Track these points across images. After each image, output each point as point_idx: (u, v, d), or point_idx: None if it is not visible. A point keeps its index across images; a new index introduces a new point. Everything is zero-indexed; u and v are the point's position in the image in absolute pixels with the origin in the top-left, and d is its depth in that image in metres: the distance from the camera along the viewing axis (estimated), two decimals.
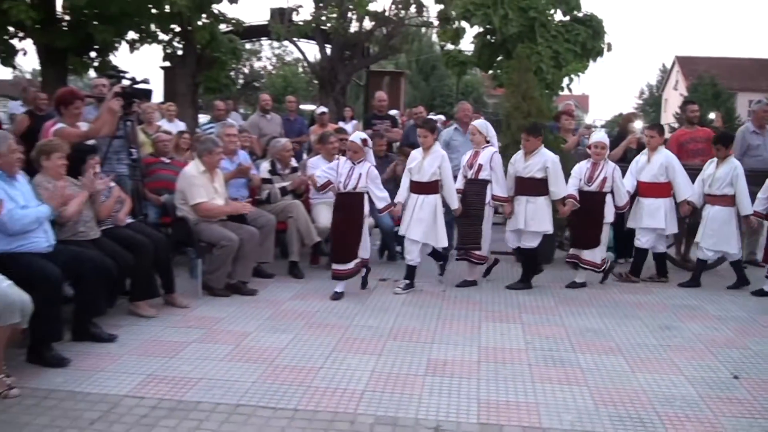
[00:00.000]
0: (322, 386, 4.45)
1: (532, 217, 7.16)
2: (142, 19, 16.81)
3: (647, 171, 7.57)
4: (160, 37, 18.21)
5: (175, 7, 15.27)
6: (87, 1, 15.35)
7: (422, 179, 6.98)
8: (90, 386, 4.36)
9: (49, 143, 5.46)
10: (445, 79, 44.82)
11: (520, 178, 7.24)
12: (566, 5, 16.11)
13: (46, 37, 16.26)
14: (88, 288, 5.11)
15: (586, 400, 4.34)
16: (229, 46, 18.61)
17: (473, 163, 7.17)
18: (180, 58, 18.46)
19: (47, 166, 5.34)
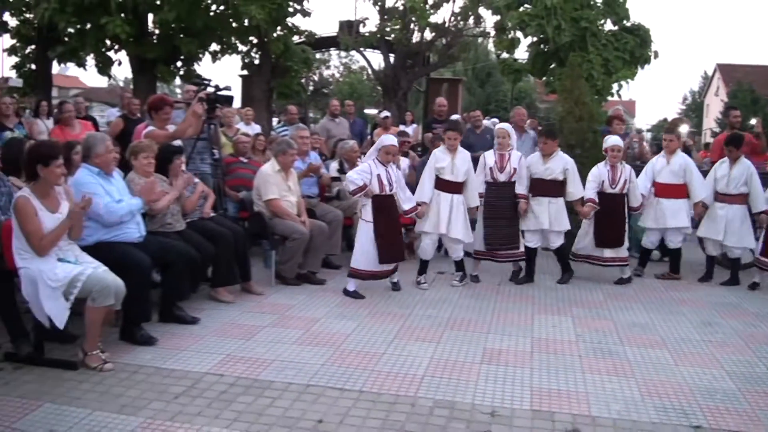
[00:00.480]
0: (385, 370, 4.44)
1: (555, 217, 7.01)
2: (223, 32, 17.13)
3: (667, 173, 7.38)
4: (240, 48, 18.53)
5: (253, 21, 15.50)
6: (175, 17, 15.71)
7: (457, 179, 6.74)
8: (175, 363, 4.44)
9: (138, 144, 5.59)
10: (499, 86, 44.37)
11: (541, 180, 7.02)
12: (616, 15, 15.81)
13: (138, 49, 16.70)
14: (174, 275, 5.21)
15: (633, 391, 4.23)
16: (301, 56, 18.78)
17: (504, 166, 6.95)
18: (257, 67, 18.73)
19: (136, 164, 5.47)
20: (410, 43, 18.74)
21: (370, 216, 6.29)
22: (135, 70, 17.87)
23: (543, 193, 7.03)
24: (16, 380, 4.10)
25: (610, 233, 7.15)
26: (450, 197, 6.72)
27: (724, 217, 7.29)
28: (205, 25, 16.30)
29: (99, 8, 15.48)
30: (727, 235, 7.26)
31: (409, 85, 20.20)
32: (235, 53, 18.63)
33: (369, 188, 6.24)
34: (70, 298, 4.17)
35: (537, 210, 7.02)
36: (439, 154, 6.79)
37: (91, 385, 4.04)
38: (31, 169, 4.32)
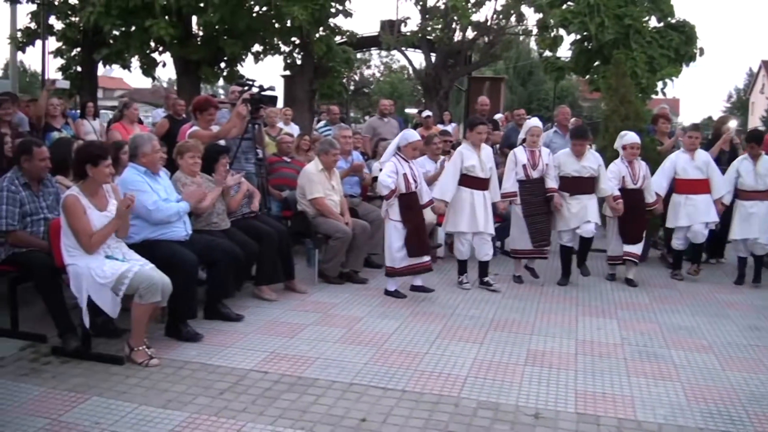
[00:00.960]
0: (428, 370, 4.42)
1: (593, 212, 6.93)
2: (266, 33, 17.29)
3: (692, 169, 7.28)
4: (282, 48, 18.67)
5: (296, 22, 15.59)
6: (219, 18, 15.90)
7: (486, 175, 6.63)
8: (220, 360, 4.49)
9: (185, 144, 5.68)
10: (541, 84, 44.04)
11: (579, 178, 6.92)
12: (660, 12, 15.52)
13: (182, 50, 16.97)
14: (219, 273, 5.28)
15: (679, 396, 4.15)
16: (343, 56, 18.85)
17: (537, 163, 6.88)
18: (299, 68, 18.85)
19: (183, 164, 5.55)
20: (452, 42, 18.67)
21: (397, 215, 6.21)
22: (179, 72, 18.16)
23: (579, 190, 6.94)
24: (63, 374, 4.19)
25: (633, 229, 7.08)
26: (482, 194, 6.63)
27: (757, 215, 7.18)
28: (248, 27, 16.47)
29: (144, 11, 15.76)
30: (761, 232, 7.14)
31: (451, 84, 20.11)
32: (278, 54, 18.78)
33: (397, 189, 6.19)
34: (118, 294, 4.26)
35: (577, 208, 6.91)
36: (466, 152, 6.61)
37: (137, 380, 4.11)
38: (80, 169, 4.42)
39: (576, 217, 6.91)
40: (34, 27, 18.61)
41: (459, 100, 32.13)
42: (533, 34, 19.17)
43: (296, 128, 10.54)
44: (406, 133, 6.57)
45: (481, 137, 6.66)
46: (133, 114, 8.20)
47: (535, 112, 33.39)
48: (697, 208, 7.23)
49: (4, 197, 4.75)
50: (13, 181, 4.82)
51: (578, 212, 6.90)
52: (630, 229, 7.09)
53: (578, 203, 6.91)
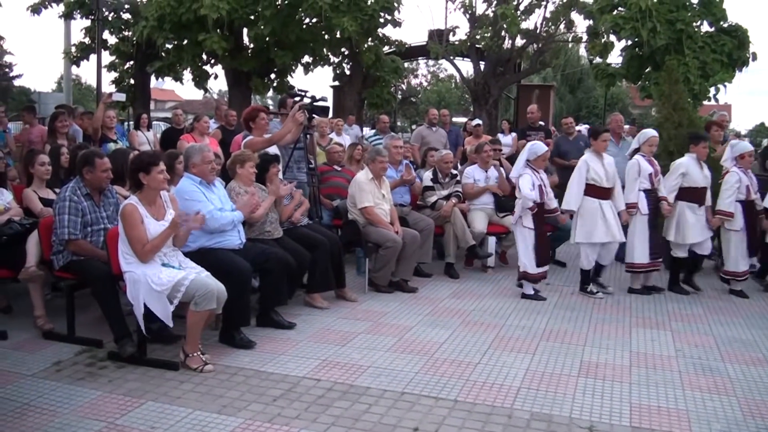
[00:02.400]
0: (480, 380, 4.40)
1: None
2: (316, 44, 17.53)
3: None
4: (331, 59, 18.87)
5: (345, 33, 15.75)
6: (269, 30, 16.16)
7: (611, 184, 6.65)
8: (273, 367, 4.54)
9: (243, 153, 5.78)
10: (590, 92, 43.40)
11: (705, 188, 6.83)
12: (713, 16, 15.22)
13: (233, 62, 17.33)
14: (273, 281, 5.34)
15: (735, 411, 4.04)
16: (391, 66, 18.97)
17: (658, 171, 6.83)
18: (348, 78, 19.02)
19: (241, 173, 5.65)
20: (500, 49, 18.59)
21: (531, 223, 6.47)
22: (230, 83, 18.52)
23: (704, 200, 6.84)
24: (119, 378, 4.29)
25: (760, 241, 6.95)
26: (609, 204, 6.65)
27: None
28: (298, 38, 16.72)
29: (196, 24, 16.16)
30: None
31: (500, 93, 20.04)
32: (327, 65, 18.99)
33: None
34: (174, 301, 4.34)
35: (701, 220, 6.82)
36: (591, 161, 6.64)
37: (191, 386, 4.18)
38: (135, 179, 4.55)
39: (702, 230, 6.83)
40: (88, 42, 19.25)
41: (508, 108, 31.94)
42: (583, 40, 18.96)
43: (348, 138, 10.62)
44: (534, 146, 6.61)
45: (605, 145, 6.71)
46: (203, 126, 8.39)
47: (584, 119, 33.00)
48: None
49: (66, 207, 4.89)
50: (75, 192, 4.97)
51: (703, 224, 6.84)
52: (756, 240, 6.95)
53: (702, 215, 6.84)
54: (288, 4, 16.05)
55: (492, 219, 7.72)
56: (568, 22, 18.59)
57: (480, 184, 7.80)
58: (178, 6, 16.00)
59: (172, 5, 15.97)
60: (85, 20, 19.20)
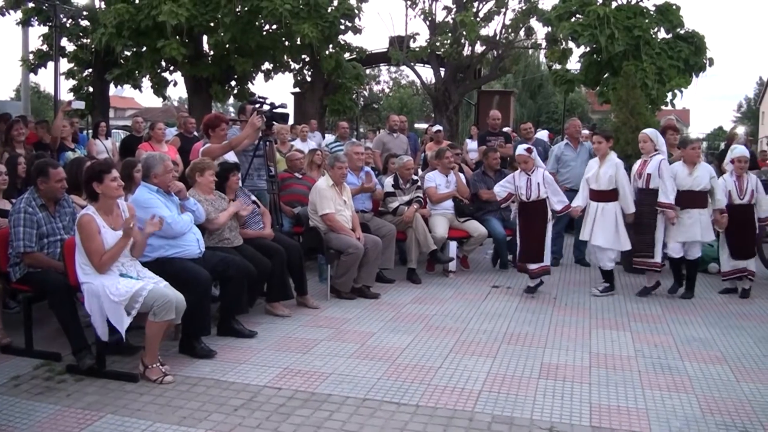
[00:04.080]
0: (442, 384, 4.42)
1: (705, 228, 6.88)
2: (276, 51, 17.50)
3: None
4: (292, 66, 18.86)
5: (306, 39, 15.76)
6: (229, 37, 16.09)
7: (600, 187, 6.88)
8: (234, 376, 4.50)
9: (202, 162, 5.74)
10: (550, 97, 44.05)
11: (692, 191, 6.86)
12: (669, 23, 15.58)
13: (193, 69, 17.20)
14: (233, 289, 5.31)
15: (694, 408, 4.13)
16: (352, 73, 19.01)
17: (642, 173, 6.92)
18: (309, 84, 19.01)
19: (200, 181, 5.62)
20: (461, 56, 18.78)
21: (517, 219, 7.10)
22: (190, 90, 18.39)
23: (691, 204, 6.88)
24: (78, 392, 4.21)
25: (744, 244, 7.03)
26: (596, 205, 6.94)
27: None
28: (258, 45, 16.68)
29: (155, 31, 16.04)
30: None
31: (460, 99, 20.23)
32: (288, 71, 18.98)
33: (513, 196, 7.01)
34: (132, 312, 4.28)
35: (688, 221, 6.87)
36: (591, 162, 7.19)
37: (151, 397, 4.12)
38: (89, 188, 4.46)
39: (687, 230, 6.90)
40: (46, 49, 18.95)
41: (469, 114, 32.22)
42: (542, 47, 19.25)
43: (314, 144, 10.60)
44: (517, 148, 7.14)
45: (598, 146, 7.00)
46: (158, 134, 8.30)
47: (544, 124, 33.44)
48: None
49: (21, 219, 4.79)
50: (30, 203, 4.86)
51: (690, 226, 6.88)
52: (741, 246, 7.02)
53: (689, 217, 6.88)
54: (248, 11, 16.00)
55: (453, 224, 7.80)
56: (527, 29, 18.87)
57: (441, 189, 7.86)
58: (137, 13, 15.87)
59: (130, 12, 15.84)
60: (43, 27, 18.93)
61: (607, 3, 15.72)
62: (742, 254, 7.04)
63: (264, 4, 15.29)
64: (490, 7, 18.73)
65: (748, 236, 7.04)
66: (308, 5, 15.86)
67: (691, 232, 6.88)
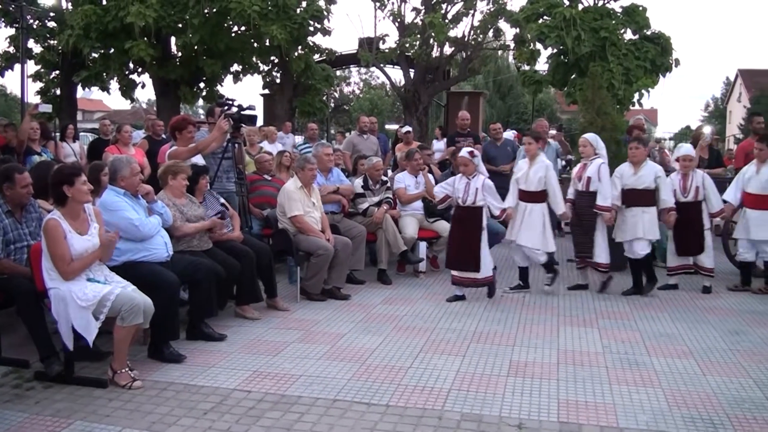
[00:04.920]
0: (411, 384, 4.45)
1: (649, 227, 6.96)
2: (245, 52, 17.45)
3: (755, 183, 7.17)
4: (261, 67, 18.80)
5: (274, 41, 15.74)
6: (198, 39, 16.00)
7: (529, 188, 6.90)
8: (203, 380, 4.48)
9: (175, 165, 5.72)
10: (520, 98, 44.42)
11: (634, 189, 6.99)
12: (636, 24, 15.84)
13: (161, 71, 17.08)
14: (201, 292, 5.28)
15: (660, 402, 4.21)
16: (322, 74, 19.02)
17: (582, 176, 7.01)
18: (278, 86, 18.97)
19: (172, 184, 5.60)
20: (430, 57, 18.86)
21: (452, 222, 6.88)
22: (158, 92, 18.24)
23: (635, 202, 6.98)
24: (46, 399, 4.16)
25: (687, 241, 7.16)
26: (524, 206, 6.95)
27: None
28: (227, 47, 16.61)
29: (123, 33, 15.89)
30: None
31: (430, 100, 20.32)
32: (257, 73, 18.92)
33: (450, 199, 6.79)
34: (99, 317, 4.24)
35: (631, 220, 6.98)
36: (521, 163, 7.17)
37: (120, 403, 4.09)
38: (58, 191, 4.41)
39: (631, 229, 7.00)
40: (13, 51, 18.65)
41: (438, 115, 32.36)
42: (510, 48, 19.42)
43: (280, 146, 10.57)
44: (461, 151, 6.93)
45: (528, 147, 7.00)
46: (125, 137, 8.22)
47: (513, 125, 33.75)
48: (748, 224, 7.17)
49: None
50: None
51: (633, 225, 6.98)
52: (686, 242, 7.15)
53: (633, 216, 6.99)
54: (216, 12, 15.92)
55: (422, 224, 7.84)
56: (495, 30, 19.02)
57: (410, 189, 7.90)
58: (105, 14, 15.72)
59: (98, 13, 15.68)
60: (9, 29, 18.64)
61: (574, 5, 15.96)
62: (687, 250, 7.20)
63: (232, 6, 15.23)
64: (459, 8, 18.85)
65: (693, 233, 7.12)
66: (277, 7, 15.84)
67: (633, 229, 6.98)
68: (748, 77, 45.01)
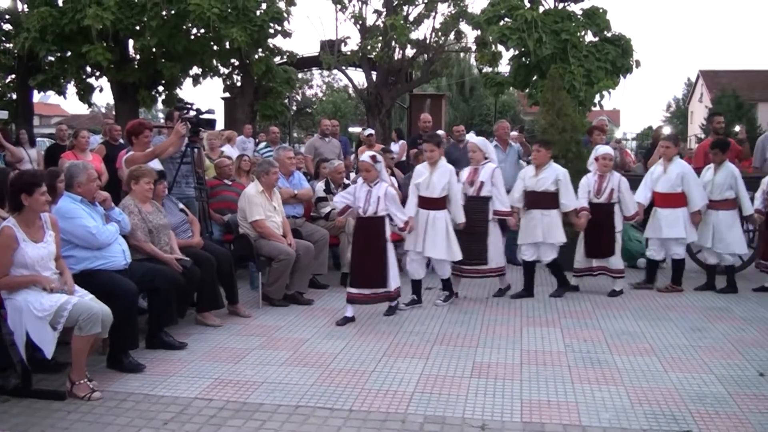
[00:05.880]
0: (375, 388, 4.46)
1: (548, 230, 6.88)
2: (204, 55, 17.35)
3: (664, 181, 7.23)
4: (221, 70, 18.69)
5: (234, 44, 15.68)
6: (156, 41, 15.84)
7: (432, 195, 6.54)
8: (163, 389, 4.44)
9: (138, 169, 5.65)
10: (483, 100, 44.77)
11: (533, 192, 6.93)
12: (596, 27, 16.09)
13: (119, 74, 16.88)
14: (161, 300, 5.22)
15: (623, 399, 4.28)
16: (283, 77, 18.96)
17: (474, 180, 6.82)
18: (239, 89, 18.88)
19: (136, 189, 5.55)
20: (392, 60, 18.92)
21: None
22: (116, 96, 18.02)
23: (535, 205, 6.93)
24: (4, 413, 4.08)
25: (598, 244, 7.12)
26: (426, 213, 6.54)
27: (711, 223, 7.26)
28: (186, 49, 16.48)
29: (79, 36, 15.65)
30: (715, 242, 7.25)
31: (392, 102, 20.40)
32: (217, 76, 18.82)
33: (351, 209, 6.24)
34: (57, 327, 4.17)
35: (530, 223, 6.93)
36: (420, 168, 6.71)
37: (79, 415, 4.03)
38: (16, 199, 4.33)
39: (531, 232, 6.94)
40: None
41: (402, 117, 32.48)
42: (472, 50, 19.59)
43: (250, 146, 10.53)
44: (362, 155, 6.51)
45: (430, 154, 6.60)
46: (82, 142, 8.09)
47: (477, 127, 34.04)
48: (660, 223, 7.23)
49: None
50: None
51: (533, 228, 6.91)
52: (596, 244, 7.12)
53: (531, 219, 6.94)
54: (175, 15, 15.78)
55: None
56: (456, 32, 19.17)
57: None
58: (61, 17, 15.48)
59: (54, 16, 15.43)
60: None
61: (535, 7, 16.15)
62: (597, 253, 7.18)
63: (191, 8, 15.12)
64: (420, 10, 18.95)
65: (604, 235, 7.07)
66: (236, 9, 15.76)
67: (533, 233, 6.93)
68: (709, 78, 45.90)
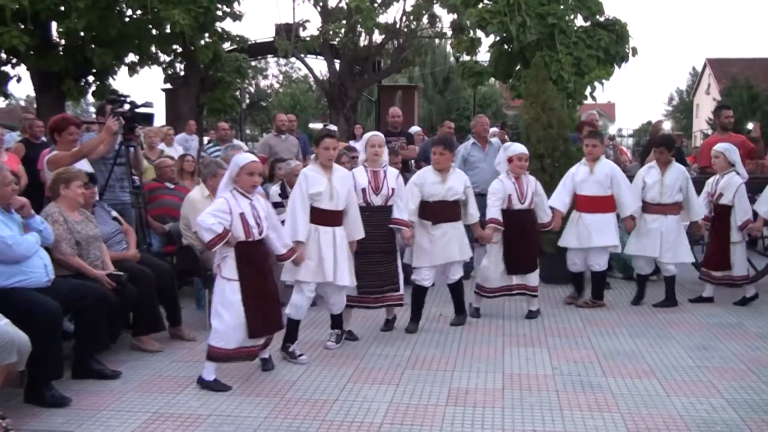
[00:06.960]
0: (338, 420, 4.45)
1: (462, 245, 6.58)
2: (142, 40, 17.19)
3: (591, 184, 7.17)
4: (161, 58, 18.56)
5: (176, 27, 15.57)
6: (84, 24, 15.66)
7: (337, 207, 5.76)
8: (92, 427, 4.38)
9: (67, 171, 5.60)
10: (461, 92, 44.96)
11: (444, 202, 6.49)
12: (588, 10, 16.22)
13: (40, 62, 16.63)
14: (90, 322, 5.15)
15: (618, 428, 4.31)
16: (233, 65, 18.90)
17: (380, 186, 6.18)
18: (182, 80, 18.78)
19: (65, 195, 5.48)
20: (357, 47, 18.98)
21: (233, 272, 5.06)
22: (37, 87, 17.80)
23: (447, 218, 6.51)
24: None
25: (523, 257, 6.88)
26: (331, 232, 5.77)
27: (659, 230, 7.21)
28: (120, 34, 16.32)
29: None
30: (663, 251, 7.22)
31: (358, 95, 20.45)
32: (156, 64, 18.67)
33: (231, 235, 5.03)
34: None
35: (442, 240, 6.48)
36: (311, 173, 5.75)
37: None
38: None
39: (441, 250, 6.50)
40: None
41: (370, 112, 32.55)
42: (448, 36, 19.72)
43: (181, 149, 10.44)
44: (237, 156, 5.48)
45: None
46: None
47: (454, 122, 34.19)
48: (588, 230, 7.13)
49: None
50: None
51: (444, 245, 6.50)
52: (521, 257, 6.86)
53: (443, 234, 6.50)
54: None
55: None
56: (430, 16, 19.30)
57: None
58: None
59: None
60: None
61: None
62: (520, 268, 6.91)
63: None
64: None
65: (529, 247, 6.92)
66: None
67: (447, 251, 6.51)
68: (717, 67, 46.24)
